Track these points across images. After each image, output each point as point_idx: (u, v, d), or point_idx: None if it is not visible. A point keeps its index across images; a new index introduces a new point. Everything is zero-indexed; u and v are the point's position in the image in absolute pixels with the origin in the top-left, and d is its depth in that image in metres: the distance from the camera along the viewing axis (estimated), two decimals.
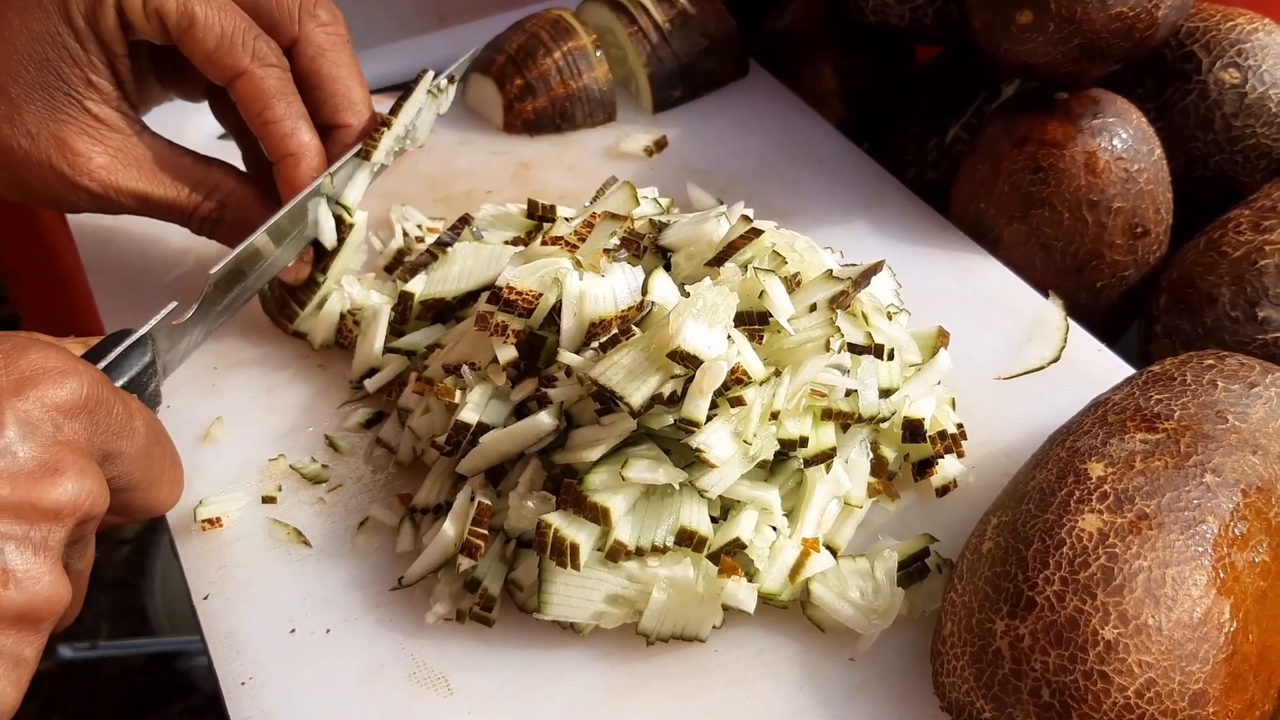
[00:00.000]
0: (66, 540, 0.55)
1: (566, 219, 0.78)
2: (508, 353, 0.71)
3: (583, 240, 0.75)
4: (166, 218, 0.84)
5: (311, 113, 0.84)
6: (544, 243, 0.75)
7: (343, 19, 0.87)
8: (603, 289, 0.71)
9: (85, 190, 0.80)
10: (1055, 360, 0.84)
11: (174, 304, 0.72)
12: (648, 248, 0.76)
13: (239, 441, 0.81)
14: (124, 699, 2.07)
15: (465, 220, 0.87)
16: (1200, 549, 0.59)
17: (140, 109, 0.86)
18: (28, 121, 0.78)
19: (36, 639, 0.53)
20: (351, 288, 0.85)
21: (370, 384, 0.81)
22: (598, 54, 1.08)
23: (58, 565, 0.54)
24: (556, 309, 0.71)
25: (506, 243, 0.85)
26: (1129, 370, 0.82)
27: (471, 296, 0.81)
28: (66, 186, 0.80)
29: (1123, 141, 0.87)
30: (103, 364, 0.68)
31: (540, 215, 0.87)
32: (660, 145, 1.06)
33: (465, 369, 0.73)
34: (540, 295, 0.71)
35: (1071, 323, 0.86)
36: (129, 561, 2.09)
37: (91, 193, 0.81)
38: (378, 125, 0.85)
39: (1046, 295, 0.88)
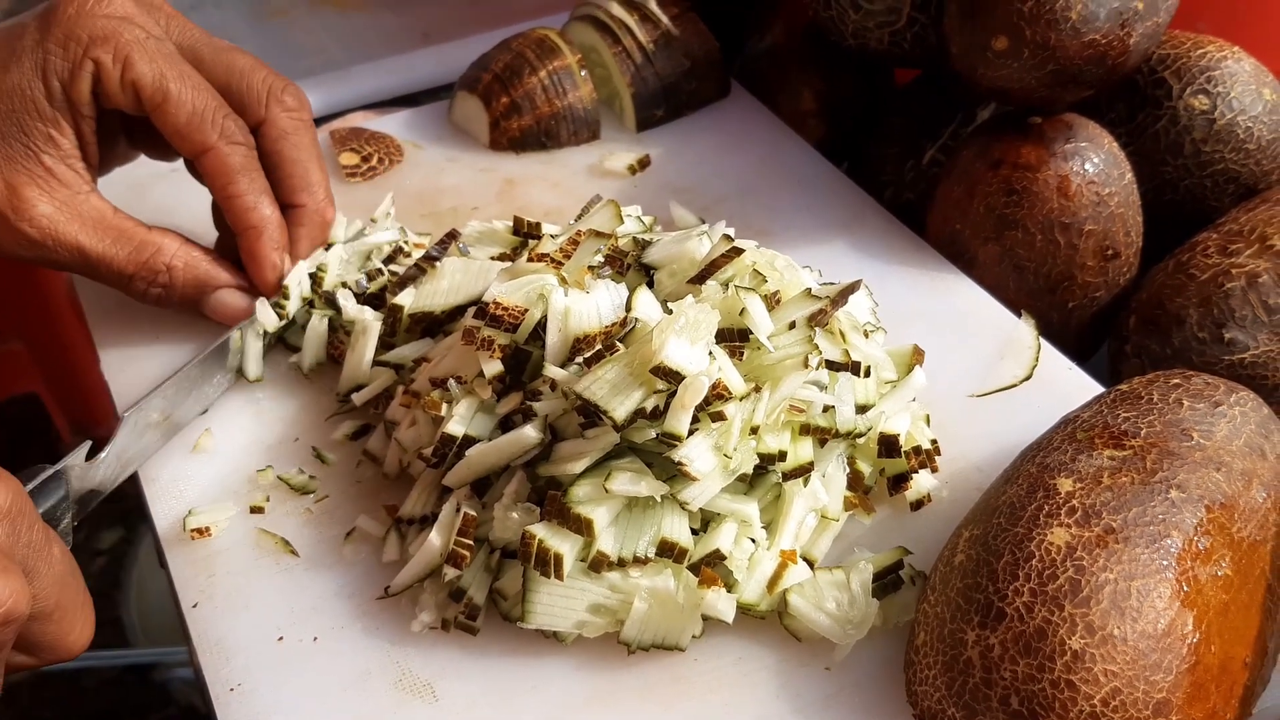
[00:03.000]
0: None
1: (552, 236, 0.80)
2: (493, 367, 0.72)
3: (568, 257, 0.77)
4: (103, 278, 0.86)
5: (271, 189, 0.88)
6: (530, 259, 0.77)
7: (309, 105, 0.91)
8: (587, 305, 0.72)
9: (24, 235, 0.82)
10: (1027, 378, 0.85)
11: (88, 442, 0.73)
12: (631, 265, 0.78)
13: (227, 453, 0.82)
14: (99, 711, 2.06)
15: (452, 235, 0.89)
16: (1165, 562, 0.61)
17: (102, 168, 0.89)
18: None
19: None
20: (347, 302, 0.87)
21: (358, 398, 0.83)
22: (582, 73, 1.10)
23: None
24: (541, 324, 0.72)
25: (493, 259, 0.87)
26: (1099, 388, 0.84)
27: (459, 311, 0.82)
28: (6, 229, 0.82)
29: (1094, 165, 0.89)
30: None
31: (526, 232, 0.88)
32: (643, 164, 1.08)
33: (452, 382, 0.74)
34: (526, 311, 0.73)
35: (1043, 342, 0.88)
36: (105, 573, 2.09)
37: (30, 239, 0.82)
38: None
39: (1019, 315, 0.90)
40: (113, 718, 2.06)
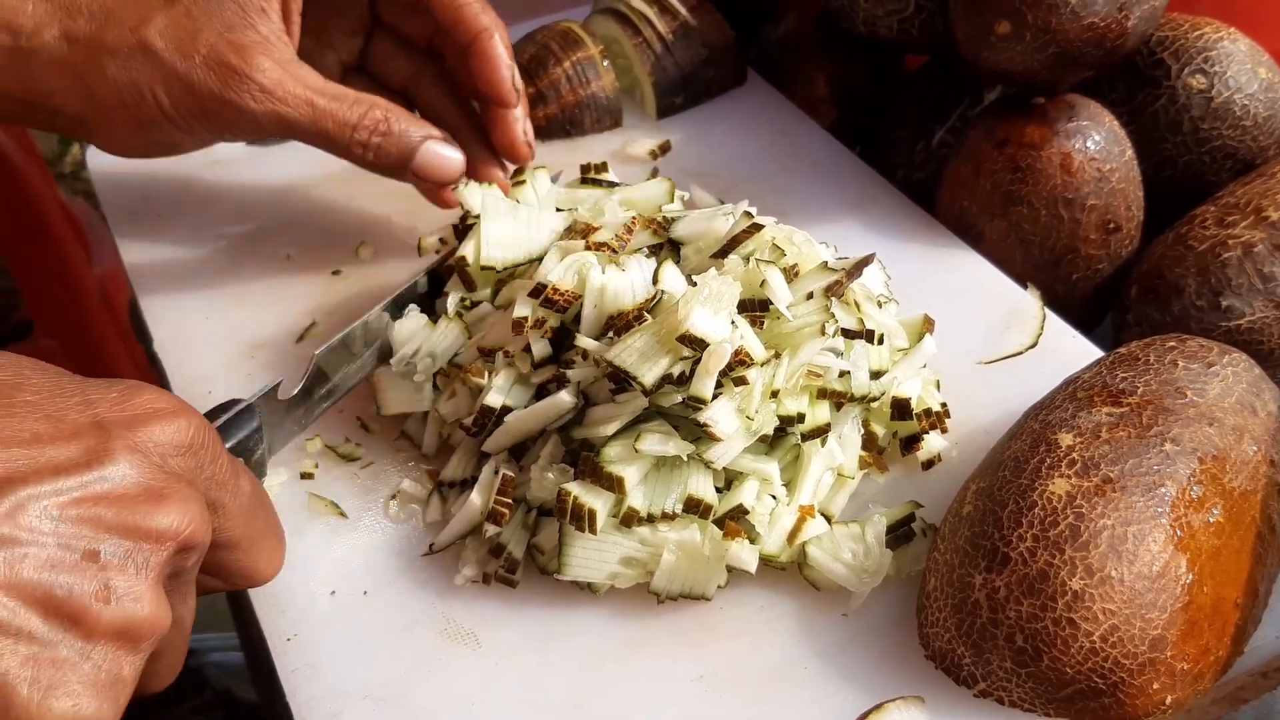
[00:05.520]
0: (168, 566, 0.54)
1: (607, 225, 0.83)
2: (542, 347, 0.76)
3: (624, 245, 0.80)
4: (325, 133, 0.89)
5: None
6: (588, 247, 0.80)
7: None
8: (623, 284, 0.75)
9: (260, 88, 0.85)
10: (1033, 346, 0.88)
11: (280, 379, 0.77)
12: (662, 242, 0.82)
13: None
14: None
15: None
16: (1159, 510, 0.65)
17: None
18: (206, 34, 0.85)
19: (135, 659, 0.52)
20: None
21: (425, 447, 0.84)
22: (605, 64, 1.14)
23: (158, 587, 0.53)
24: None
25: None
26: (1101, 354, 0.86)
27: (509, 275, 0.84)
28: (243, 87, 0.85)
29: (1096, 143, 0.93)
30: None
31: (592, 177, 0.93)
32: (664, 149, 1.12)
33: (499, 355, 0.78)
34: (580, 297, 0.76)
35: (1048, 312, 0.91)
36: None
37: (266, 89, 0.85)
38: None
39: (1025, 287, 0.93)
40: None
